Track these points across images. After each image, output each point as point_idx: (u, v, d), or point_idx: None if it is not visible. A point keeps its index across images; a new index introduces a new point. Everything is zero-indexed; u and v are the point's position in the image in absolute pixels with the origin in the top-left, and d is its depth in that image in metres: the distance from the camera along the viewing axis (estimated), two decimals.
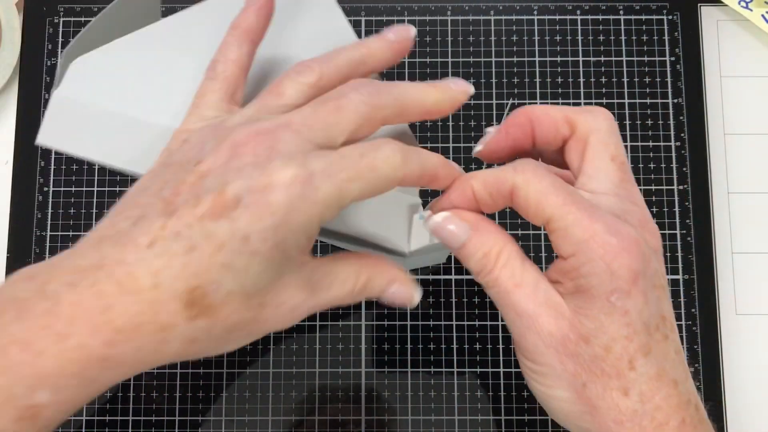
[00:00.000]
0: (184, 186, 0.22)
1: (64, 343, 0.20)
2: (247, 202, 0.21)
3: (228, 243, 0.21)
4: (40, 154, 0.41)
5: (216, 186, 0.21)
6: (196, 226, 0.21)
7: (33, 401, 0.20)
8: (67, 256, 0.22)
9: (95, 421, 0.38)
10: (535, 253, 0.40)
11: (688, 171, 0.41)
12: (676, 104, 0.42)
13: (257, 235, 0.21)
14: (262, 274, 0.22)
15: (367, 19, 0.43)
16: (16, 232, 0.40)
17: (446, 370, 0.39)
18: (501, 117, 0.42)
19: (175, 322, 0.21)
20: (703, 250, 0.40)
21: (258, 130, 0.23)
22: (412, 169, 0.23)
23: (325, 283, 0.24)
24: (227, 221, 0.21)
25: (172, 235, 0.21)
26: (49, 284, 0.21)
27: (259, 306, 0.22)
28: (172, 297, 0.20)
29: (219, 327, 0.22)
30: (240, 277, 0.21)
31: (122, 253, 0.21)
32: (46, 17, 0.43)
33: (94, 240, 0.22)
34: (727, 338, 0.40)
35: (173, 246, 0.21)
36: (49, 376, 0.20)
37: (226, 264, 0.21)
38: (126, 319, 0.20)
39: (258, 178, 0.21)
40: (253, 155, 0.22)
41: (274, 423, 0.38)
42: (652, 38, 0.43)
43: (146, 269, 0.20)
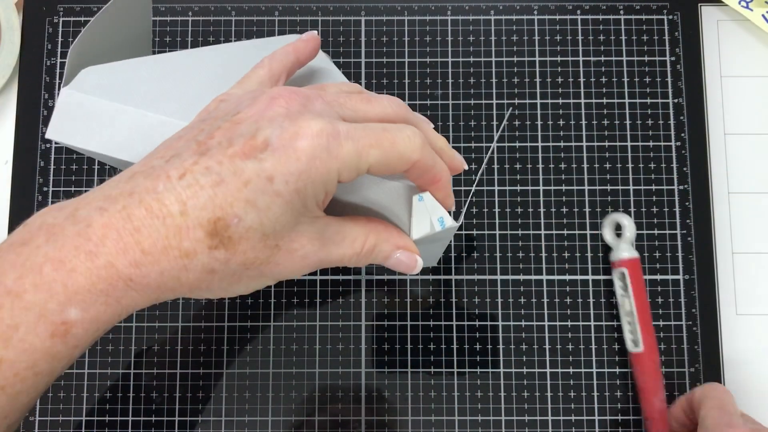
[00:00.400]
0: (219, 131, 0.23)
1: (94, 262, 0.21)
2: (275, 146, 0.22)
3: (253, 181, 0.22)
4: (39, 154, 0.41)
5: (249, 131, 0.23)
6: (226, 162, 0.22)
7: (64, 317, 0.21)
8: (97, 189, 0.23)
9: (95, 422, 0.38)
10: (535, 253, 0.40)
11: (689, 171, 0.41)
12: (676, 104, 0.42)
13: (281, 177, 0.22)
14: (281, 217, 0.23)
15: (367, 19, 0.43)
16: None
17: (446, 371, 0.39)
18: (501, 117, 0.42)
19: (197, 250, 0.22)
20: (703, 250, 0.40)
21: (294, 90, 0.24)
22: (425, 158, 0.25)
23: (336, 239, 0.26)
24: (255, 161, 0.22)
25: (203, 170, 0.22)
26: (79, 210, 0.22)
27: (275, 247, 0.24)
28: (197, 225, 0.22)
29: (236, 260, 0.23)
30: (261, 215, 0.22)
31: (154, 183, 0.22)
32: (45, 17, 0.43)
33: (127, 175, 0.23)
34: (728, 338, 0.40)
35: (202, 179, 0.22)
36: (79, 293, 0.21)
37: (250, 200, 0.22)
38: (152, 242, 0.22)
39: (288, 127, 0.23)
40: (286, 107, 0.23)
41: (274, 423, 0.38)
42: (652, 38, 0.42)
43: (175, 197, 0.22)
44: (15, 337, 0.21)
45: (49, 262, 0.21)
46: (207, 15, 0.43)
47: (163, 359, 0.39)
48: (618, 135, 0.41)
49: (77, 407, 0.38)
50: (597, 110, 0.42)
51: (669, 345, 0.39)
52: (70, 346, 0.22)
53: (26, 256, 0.22)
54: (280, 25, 0.43)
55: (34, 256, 0.22)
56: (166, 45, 0.42)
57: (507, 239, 0.40)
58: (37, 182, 0.41)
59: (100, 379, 0.39)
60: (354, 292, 0.40)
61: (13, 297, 0.21)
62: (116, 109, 0.29)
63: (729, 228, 0.41)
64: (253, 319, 0.39)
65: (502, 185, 0.41)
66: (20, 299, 0.21)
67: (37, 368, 0.22)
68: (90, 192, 0.23)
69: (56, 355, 0.22)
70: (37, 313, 0.21)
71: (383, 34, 0.43)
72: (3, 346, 0.21)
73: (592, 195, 0.41)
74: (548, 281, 0.40)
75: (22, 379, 0.22)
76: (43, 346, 0.22)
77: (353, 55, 0.42)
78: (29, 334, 0.21)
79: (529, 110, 0.42)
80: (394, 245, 0.27)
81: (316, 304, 0.40)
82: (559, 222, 0.41)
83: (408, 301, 0.40)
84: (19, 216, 0.40)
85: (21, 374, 0.22)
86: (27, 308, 0.21)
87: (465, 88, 0.42)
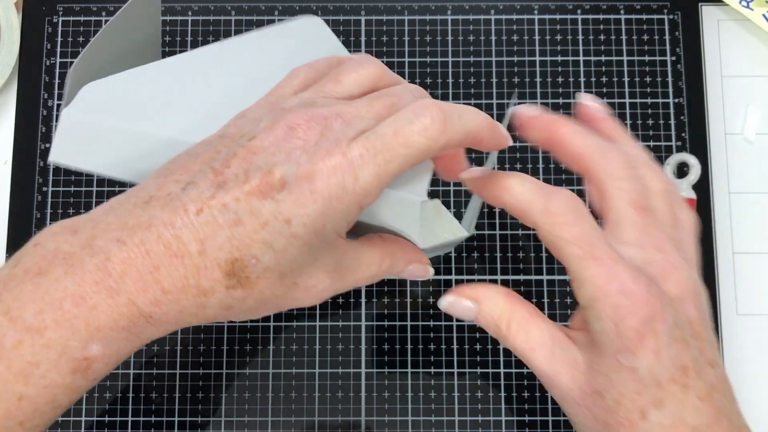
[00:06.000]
0: (236, 159, 0.23)
1: (115, 299, 0.21)
2: (292, 186, 0.22)
3: (271, 223, 0.22)
4: (39, 154, 0.41)
5: (265, 165, 0.22)
6: (243, 201, 0.22)
7: (86, 354, 0.21)
8: (110, 210, 0.23)
9: (95, 422, 0.38)
10: (536, 253, 0.40)
11: None
12: (676, 104, 0.42)
13: (298, 220, 0.22)
14: (299, 257, 0.23)
15: (367, 19, 0.43)
16: (15, 232, 0.40)
17: (446, 371, 0.39)
18: (501, 117, 0.42)
19: (215, 289, 0.22)
20: (703, 250, 0.40)
21: (312, 115, 0.23)
22: (452, 137, 0.24)
23: (351, 268, 0.26)
24: (272, 202, 0.22)
25: (220, 206, 0.22)
26: (96, 239, 0.22)
27: (293, 285, 0.24)
28: (215, 265, 0.22)
29: (253, 298, 0.23)
30: (278, 256, 0.22)
31: (171, 217, 0.22)
32: (45, 17, 0.43)
33: (142, 199, 0.23)
34: (728, 338, 0.40)
35: (220, 217, 0.22)
36: (101, 330, 0.21)
37: (267, 242, 0.22)
38: (172, 281, 0.22)
39: (304, 165, 0.22)
40: (303, 140, 0.23)
41: (274, 423, 0.38)
42: (652, 38, 0.42)
43: (193, 235, 0.21)
44: (36, 374, 0.21)
45: (69, 298, 0.21)
46: (207, 15, 0.43)
47: (163, 359, 0.39)
48: None
49: (77, 407, 0.38)
50: None
51: None
52: (90, 380, 0.22)
53: (45, 289, 0.21)
54: None
55: (54, 290, 0.21)
56: (165, 45, 0.42)
57: (507, 239, 0.40)
58: (36, 182, 0.41)
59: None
60: (354, 292, 0.40)
61: (33, 333, 0.21)
62: (120, 129, 0.29)
63: (730, 228, 0.41)
64: (252, 319, 0.39)
65: None
66: (41, 336, 0.21)
67: (57, 402, 0.22)
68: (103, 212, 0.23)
69: (77, 389, 0.22)
70: (59, 351, 0.21)
71: (383, 33, 0.43)
72: (24, 383, 0.21)
73: None
74: (548, 281, 0.40)
75: (42, 414, 0.22)
76: (64, 382, 0.22)
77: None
78: (50, 371, 0.21)
79: None
80: (407, 261, 0.27)
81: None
82: None
83: (408, 301, 0.40)
84: (19, 216, 0.40)
85: (41, 409, 0.22)
86: (48, 345, 0.21)
87: (465, 88, 0.42)
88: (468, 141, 0.25)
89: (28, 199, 0.40)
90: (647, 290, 0.23)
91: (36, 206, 0.40)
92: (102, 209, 0.23)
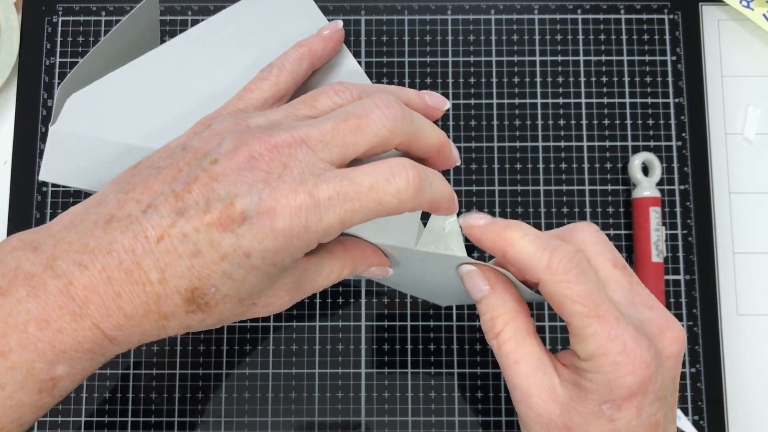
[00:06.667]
0: (197, 184, 0.22)
1: (79, 323, 0.22)
2: (253, 221, 0.22)
3: (230, 255, 0.22)
4: (39, 154, 0.41)
5: (226, 195, 0.22)
6: (204, 232, 0.22)
7: (52, 374, 0.22)
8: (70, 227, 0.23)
9: (95, 422, 0.38)
10: None
11: (690, 171, 0.41)
12: (677, 104, 0.42)
13: (258, 254, 0.22)
14: (258, 284, 0.23)
15: (367, 19, 0.43)
16: (15, 232, 0.40)
17: (446, 371, 0.39)
18: (501, 117, 0.42)
19: (176, 313, 0.23)
20: (704, 250, 0.40)
21: (275, 144, 0.23)
22: (420, 203, 0.24)
23: (311, 279, 0.26)
24: (232, 235, 0.22)
25: (180, 236, 0.22)
26: (57, 260, 0.22)
27: (252, 305, 0.24)
28: (175, 292, 0.22)
29: (212, 318, 0.24)
30: (237, 285, 0.23)
31: (132, 242, 0.22)
32: (44, 16, 0.43)
33: (103, 218, 0.23)
34: (729, 338, 0.40)
35: (180, 247, 0.22)
36: (66, 351, 0.22)
37: (227, 273, 0.22)
38: (134, 307, 0.22)
39: (266, 199, 0.22)
40: (266, 171, 0.22)
41: (274, 423, 0.38)
42: (653, 38, 0.42)
43: (154, 263, 0.22)
44: (2, 395, 0.21)
45: (33, 321, 0.21)
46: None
47: (163, 359, 0.39)
48: (619, 135, 0.41)
49: (77, 407, 0.38)
50: (597, 110, 0.42)
51: None
52: (56, 397, 0.23)
53: (8, 311, 0.21)
54: None
55: (17, 312, 0.21)
56: None
57: None
58: (36, 182, 0.41)
59: (100, 379, 0.39)
60: (354, 292, 0.40)
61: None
62: (105, 143, 0.28)
63: (730, 228, 0.41)
64: (252, 319, 0.39)
65: (502, 185, 0.41)
66: (5, 359, 0.21)
67: (23, 420, 0.22)
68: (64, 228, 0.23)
69: (43, 406, 0.22)
70: (24, 373, 0.21)
71: (383, 33, 0.43)
72: None
73: (592, 195, 0.41)
74: None
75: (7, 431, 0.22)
76: (31, 401, 0.22)
77: (353, 55, 0.42)
78: (17, 392, 0.21)
79: (529, 110, 0.42)
80: (368, 266, 0.27)
81: (316, 304, 0.40)
82: (559, 222, 0.40)
83: (408, 301, 0.40)
84: (19, 216, 0.40)
85: (7, 427, 0.22)
86: (13, 368, 0.21)
87: (465, 88, 0.42)
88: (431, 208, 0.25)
89: (28, 199, 0.40)
90: (647, 352, 0.23)
91: (36, 206, 0.40)
92: (61, 223, 0.23)
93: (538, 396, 0.24)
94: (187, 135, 0.25)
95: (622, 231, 0.40)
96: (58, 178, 0.29)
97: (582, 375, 0.24)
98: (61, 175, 0.28)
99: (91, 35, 0.42)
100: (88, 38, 0.42)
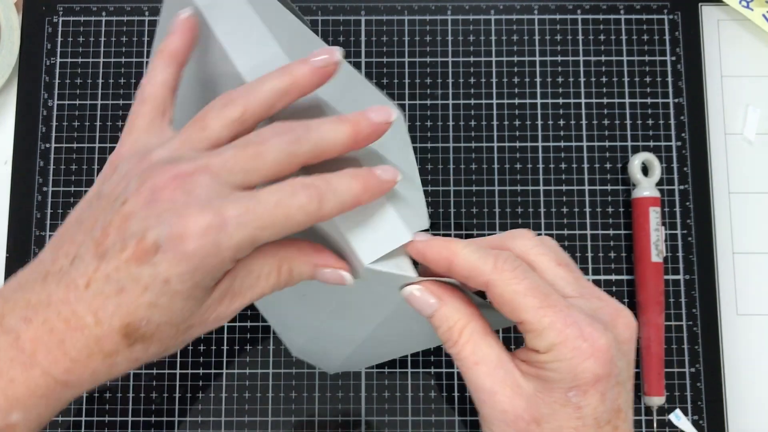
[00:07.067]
0: (111, 228, 0.24)
1: (30, 372, 0.23)
2: (166, 248, 0.23)
3: (151, 285, 0.23)
4: (39, 154, 0.41)
5: (138, 231, 0.23)
6: (123, 269, 0.23)
7: (8, 422, 0.23)
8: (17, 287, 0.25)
9: (95, 422, 0.38)
10: None
11: (689, 171, 0.41)
12: (676, 104, 0.42)
13: (176, 278, 0.23)
14: (185, 308, 0.24)
15: (367, 19, 0.43)
16: (16, 232, 0.40)
17: (446, 371, 0.39)
18: (501, 117, 0.42)
19: (118, 350, 0.24)
20: (704, 250, 0.40)
21: (177, 174, 0.24)
22: (328, 212, 0.25)
23: (247, 284, 0.26)
24: (149, 266, 0.23)
25: (104, 278, 0.23)
26: (6, 318, 0.24)
27: (188, 328, 0.25)
28: (112, 331, 0.24)
29: (155, 347, 0.25)
30: (166, 312, 0.24)
31: (65, 293, 0.24)
32: (45, 17, 0.43)
33: (41, 275, 0.25)
34: (728, 338, 0.40)
35: (106, 288, 0.23)
36: (20, 399, 0.23)
37: (153, 303, 0.24)
38: (77, 351, 0.23)
39: (175, 226, 0.23)
40: (171, 201, 0.24)
41: (274, 423, 0.38)
42: (652, 38, 0.42)
43: (87, 308, 0.23)
44: None
45: None
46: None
47: (163, 359, 0.39)
48: (618, 135, 0.41)
49: (77, 407, 0.38)
50: (597, 110, 0.42)
51: (669, 345, 0.39)
52: None
53: None
54: None
55: None
56: None
57: None
58: (36, 182, 0.41)
59: None
60: None
61: None
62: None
63: (729, 228, 0.41)
64: (253, 319, 0.39)
65: (502, 185, 0.41)
66: None
67: None
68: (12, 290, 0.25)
69: None
70: None
71: (383, 33, 0.43)
72: None
73: (592, 195, 0.41)
74: None
75: None
76: None
77: (353, 55, 0.42)
78: None
79: (529, 110, 0.42)
80: (312, 264, 0.27)
81: None
82: (559, 222, 0.40)
83: None
84: (19, 216, 0.40)
85: None
86: None
87: (465, 88, 0.42)
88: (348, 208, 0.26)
89: (28, 199, 0.40)
90: (604, 336, 0.24)
91: (36, 206, 0.40)
92: (11, 286, 0.25)
93: (502, 393, 0.25)
94: (99, 181, 0.27)
95: (622, 231, 0.40)
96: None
97: (544, 368, 0.24)
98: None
99: (91, 35, 0.42)
100: (89, 38, 0.42)
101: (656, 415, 0.38)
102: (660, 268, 0.39)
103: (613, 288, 0.40)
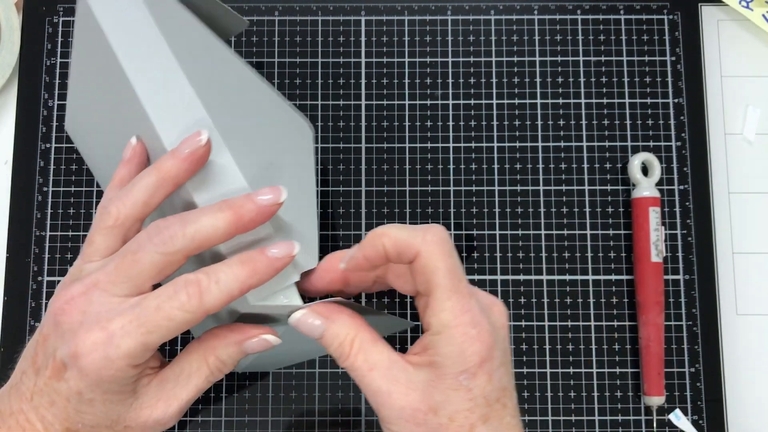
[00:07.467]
0: (40, 348, 0.28)
1: None
2: (70, 366, 0.26)
3: (71, 397, 0.27)
4: (39, 154, 0.41)
5: (52, 351, 0.27)
6: (49, 385, 0.27)
7: None
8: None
9: None
10: (535, 253, 0.40)
11: (689, 171, 0.41)
12: (676, 104, 0.42)
13: (86, 390, 0.26)
14: (110, 411, 0.27)
15: (367, 19, 0.43)
16: (16, 232, 0.40)
17: None
18: (501, 117, 0.42)
19: None
20: (703, 250, 0.40)
21: (71, 296, 0.27)
22: (212, 305, 0.27)
23: (180, 383, 0.29)
24: (63, 382, 0.27)
25: (39, 392, 0.27)
26: None
27: (126, 428, 0.28)
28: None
29: None
30: (91, 415, 0.27)
31: (20, 404, 0.28)
32: (45, 17, 0.43)
33: (7, 390, 0.29)
34: (728, 338, 0.40)
35: (42, 400, 0.27)
36: None
37: (78, 410, 0.27)
38: None
39: (71, 345, 0.26)
40: (69, 322, 0.27)
41: (274, 423, 0.38)
42: (652, 38, 0.42)
43: (35, 416, 0.27)
44: None
45: None
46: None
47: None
48: (618, 135, 0.41)
49: None
50: (597, 110, 0.42)
51: (669, 345, 0.39)
52: None
53: None
54: (280, 25, 0.43)
55: None
56: None
57: (507, 239, 0.40)
58: (37, 182, 0.41)
59: None
60: None
61: None
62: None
63: (729, 228, 0.41)
64: None
65: (502, 185, 0.41)
66: None
67: None
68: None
69: None
70: None
71: (383, 34, 0.43)
72: None
73: (592, 195, 0.41)
74: (548, 281, 0.40)
75: None
76: None
77: (353, 55, 0.42)
78: None
79: (529, 110, 0.42)
80: (235, 343, 0.29)
81: None
82: (559, 222, 0.41)
83: (408, 301, 0.40)
84: (19, 216, 0.40)
85: None
86: None
87: (465, 88, 0.42)
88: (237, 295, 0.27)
89: (28, 199, 0.40)
90: (488, 322, 0.26)
91: (36, 206, 0.40)
92: None
93: (397, 391, 0.26)
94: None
95: (622, 231, 0.40)
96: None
97: (434, 352, 0.26)
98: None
99: None
100: None
101: (656, 415, 0.39)
102: (660, 268, 0.39)
103: (613, 288, 0.40)
